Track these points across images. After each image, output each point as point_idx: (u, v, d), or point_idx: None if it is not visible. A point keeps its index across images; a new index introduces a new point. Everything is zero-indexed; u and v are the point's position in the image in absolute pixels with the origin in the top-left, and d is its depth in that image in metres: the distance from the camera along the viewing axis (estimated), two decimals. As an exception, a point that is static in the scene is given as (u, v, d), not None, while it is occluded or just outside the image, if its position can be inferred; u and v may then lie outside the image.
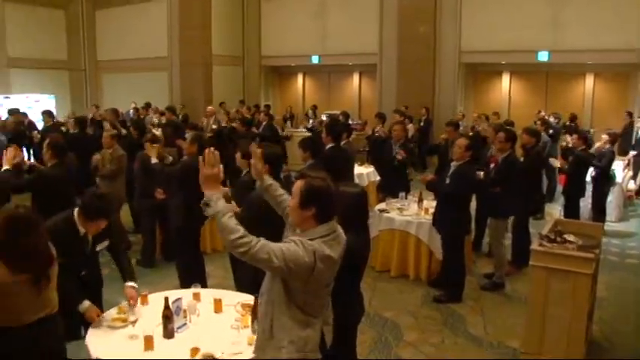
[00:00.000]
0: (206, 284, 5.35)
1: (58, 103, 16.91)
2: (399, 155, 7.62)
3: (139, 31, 18.81)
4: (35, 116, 13.11)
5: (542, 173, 8.13)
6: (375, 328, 5.28)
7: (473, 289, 6.24)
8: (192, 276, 5.08)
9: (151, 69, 18.66)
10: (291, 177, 5.12)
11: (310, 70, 19.88)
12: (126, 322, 3.57)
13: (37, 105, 15.46)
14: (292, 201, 2.69)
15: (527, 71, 16.06)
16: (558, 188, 9.87)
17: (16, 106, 14.08)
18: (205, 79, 17.52)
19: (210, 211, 2.54)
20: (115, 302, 3.93)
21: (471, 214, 6.18)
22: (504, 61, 15.82)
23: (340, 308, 3.01)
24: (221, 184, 2.69)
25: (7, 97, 15.76)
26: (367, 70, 18.12)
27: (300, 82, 20.61)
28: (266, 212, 3.39)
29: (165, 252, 7.10)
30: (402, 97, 15.29)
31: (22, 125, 11.64)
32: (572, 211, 7.79)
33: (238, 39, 19.61)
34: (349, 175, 7.17)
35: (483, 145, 8.31)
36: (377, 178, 9.62)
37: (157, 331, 3.35)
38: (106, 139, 7.34)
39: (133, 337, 3.37)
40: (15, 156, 5.32)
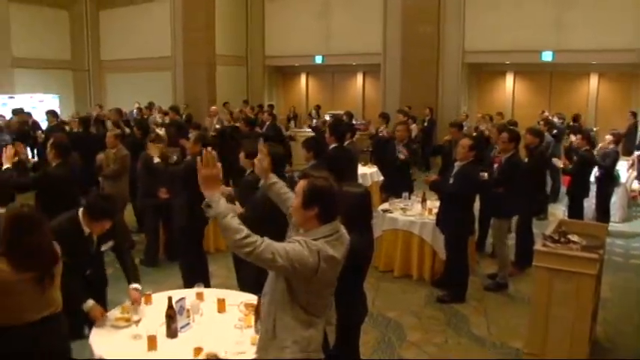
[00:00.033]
0: (209, 284, 5.36)
1: (62, 103, 16.92)
2: (402, 155, 7.62)
3: (143, 31, 18.82)
4: (39, 116, 13.13)
5: (545, 174, 8.11)
6: (378, 328, 5.27)
7: (476, 290, 6.23)
8: (195, 276, 5.10)
9: (155, 69, 18.67)
10: (294, 177, 5.12)
11: (314, 70, 19.86)
12: (129, 321, 3.58)
13: (41, 105, 15.49)
14: (295, 201, 2.69)
15: (531, 71, 16.00)
16: (562, 189, 9.85)
17: (20, 106, 14.13)
18: (209, 79, 17.52)
19: (212, 212, 2.50)
20: (119, 302, 3.94)
21: (474, 215, 6.17)
22: (508, 61, 15.76)
23: (343, 308, 3.01)
24: (224, 184, 2.69)
25: (12, 97, 15.77)
26: (371, 70, 18.09)
27: (303, 82, 20.60)
28: (270, 212, 3.39)
29: (169, 251, 7.11)
30: (406, 98, 15.27)
31: (26, 125, 11.67)
32: (575, 211, 7.78)
33: (242, 39, 19.62)
34: (353, 175, 7.16)
35: (487, 145, 8.30)
36: (380, 179, 9.62)
37: (160, 331, 3.36)
38: (109, 139, 7.34)
39: (136, 337, 3.38)
40: (15, 154, 5.34)
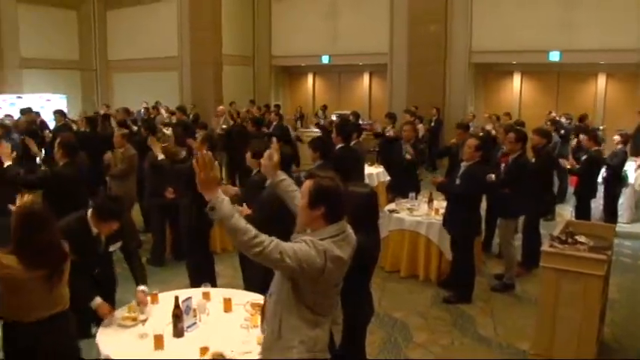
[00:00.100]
0: (216, 284, 5.36)
1: (70, 103, 16.97)
2: (409, 155, 7.61)
3: (150, 30, 18.89)
4: (47, 116, 13.18)
5: (553, 174, 8.07)
6: (384, 328, 5.27)
7: (483, 290, 6.22)
8: (202, 275, 5.11)
9: (162, 69, 18.73)
10: (300, 177, 5.12)
11: (320, 70, 19.87)
12: (136, 320, 3.59)
13: (48, 105, 15.54)
14: (301, 201, 2.68)
15: (539, 71, 15.95)
16: (569, 189, 9.81)
17: (28, 105, 14.17)
18: (215, 79, 17.56)
19: (217, 214, 2.44)
20: (127, 301, 3.94)
21: (481, 215, 6.15)
22: (515, 61, 15.71)
23: (350, 308, 3.00)
24: (231, 184, 2.68)
25: (20, 97, 15.85)
26: (377, 70, 18.08)
27: (310, 82, 20.61)
28: (277, 211, 3.39)
29: (176, 251, 7.12)
30: (413, 98, 15.25)
31: (34, 124, 11.70)
32: (583, 212, 7.73)
33: (249, 39, 19.65)
34: (359, 175, 7.15)
35: (493, 145, 8.27)
36: (387, 179, 9.61)
37: (166, 330, 3.37)
38: (117, 139, 7.35)
39: (143, 336, 3.39)
40: (12, 151, 5.39)
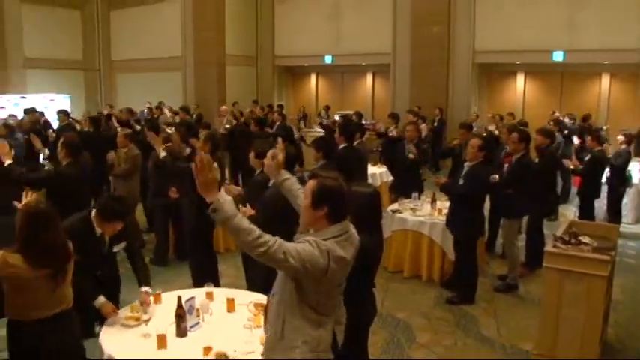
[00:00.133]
0: (219, 283, 5.37)
1: (73, 103, 17.00)
2: (412, 155, 7.61)
3: (153, 31, 18.89)
4: (50, 116, 13.21)
5: (556, 174, 8.05)
6: (387, 328, 5.27)
7: (486, 291, 6.21)
8: (205, 275, 5.11)
9: (165, 69, 18.74)
10: (304, 177, 5.12)
11: (323, 70, 19.86)
12: (139, 320, 3.60)
13: (52, 104, 15.57)
14: (304, 201, 2.68)
15: (542, 71, 15.91)
16: (573, 189, 9.79)
17: (32, 105, 14.20)
18: (219, 79, 17.58)
19: (220, 216, 2.41)
20: (130, 301, 3.95)
21: (484, 215, 6.14)
22: (519, 61, 15.68)
23: (353, 308, 3.00)
24: (234, 183, 2.68)
25: (24, 97, 15.88)
26: (380, 70, 18.06)
27: (313, 82, 20.60)
28: (280, 211, 3.39)
29: (179, 251, 7.12)
30: (416, 98, 15.22)
31: (37, 124, 11.73)
32: (586, 212, 7.72)
33: (252, 39, 19.65)
34: (362, 175, 7.14)
35: (497, 145, 8.26)
36: (390, 179, 9.60)
37: (169, 330, 3.38)
38: (120, 139, 7.36)
39: (146, 336, 3.40)
40: (10, 150, 5.42)
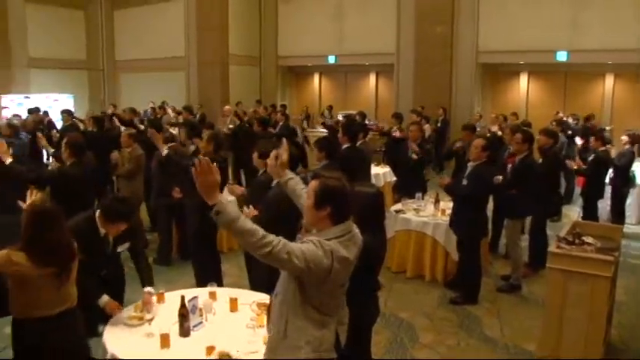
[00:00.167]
0: (222, 283, 5.37)
1: (77, 103, 17.05)
2: (415, 155, 7.60)
3: (157, 31, 18.94)
4: (54, 116, 13.24)
5: (560, 175, 8.04)
6: (390, 328, 5.26)
7: (489, 291, 6.20)
8: (208, 275, 5.11)
9: (169, 69, 18.77)
10: (307, 178, 5.13)
11: (327, 70, 19.87)
12: (142, 320, 3.60)
13: (55, 104, 15.61)
14: (307, 201, 2.67)
15: (546, 71, 15.91)
16: (576, 190, 9.77)
17: (35, 105, 14.24)
18: (222, 79, 17.61)
19: (223, 218, 2.39)
20: (134, 301, 3.94)
21: (487, 216, 6.13)
22: (522, 61, 15.68)
23: (356, 308, 3.00)
24: (236, 183, 2.68)
25: (28, 97, 15.93)
26: (384, 70, 18.07)
27: (316, 82, 20.61)
28: (284, 211, 3.39)
29: (182, 251, 7.12)
30: (419, 98, 15.23)
31: (41, 124, 11.77)
32: (590, 212, 7.70)
33: (255, 39, 19.68)
34: (366, 175, 7.14)
35: (500, 146, 8.24)
36: (393, 179, 9.59)
37: (173, 330, 3.38)
38: (124, 139, 7.37)
39: (149, 335, 3.40)
40: (7, 148, 5.44)
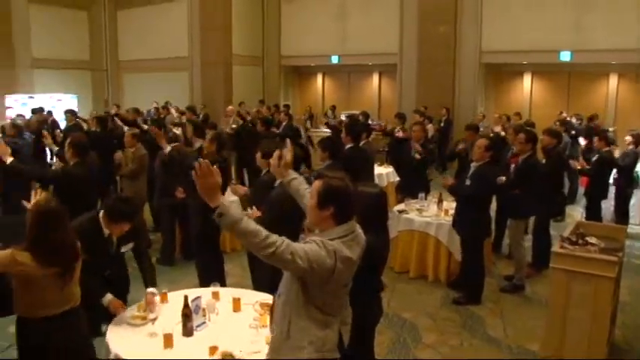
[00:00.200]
0: (225, 283, 5.38)
1: (80, 103, 17.05)
2: (417, 154, 7.60)
3: (160, 31, 18.95)
4: (58, 116, 13.27)
5: (563, 175, 8.02)
6: (393, 329, 5.26)
7: (492, 291, 6.19)
8: (211, 275, 5.12)
9: (172, 69, 18.78)
10: (310, 178, 5.14)
11: (330, 70, 19.86)
12: (146, 319, 3.61)
13: (59, 104, 15.63)
14: (310, 201, 2.67)
15: (549, 71, 15.86)
16: (580, 190, 9.75)
17: (39, 105, 14.27)
18: (225, 79, 17.61)
19: (227, 220, 2.38)
20: (137, 300, 3.95)
21: (490, 216, 6.12)
22: (526, 61, 15.64)
23: (359, 309, 3.00)
24: (240, 183, 2.68)
25: (32, 97, 15.96)
26: (387, 70, 18.05)
27: (319, 82, 20.60)
28: (287, 211, 3.39)
29: (185, 251, 7.13)
30: (422, 98, 15.21)
31: (45, 124, 11.79)
32: (594, 213, 7.68)
33: (258, 39, 19.69)
34: (369, 175, 7.14)
35: (503, 146, 8.23)
36: (396, 179, 9.59)
37: (176, 329, 3.38)
38: (127, 139, 7.37)
39: (152, 335, 3.41)
40: (6, 147, 5.47)
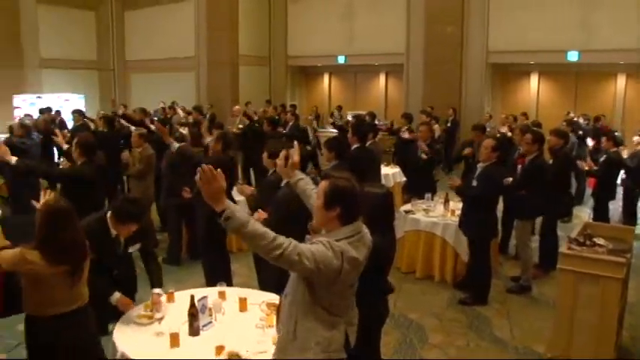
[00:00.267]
0: (231, 283, 5.38)
1: (88, 103, 17.14)
2: (424, 154, 7.58)
3: (167, 31, 19.00)
4: (65, 115, 13.33)
5: (570, 175, 7.99)
6: (399, 329, 5.26)
7: (499, 292, 6.17)
8: (217, 274, 5.12)
9: (179, 69, 18.83)
10: (316, 178, 5.14)
11: (336, 70, 19.86)
12: (152, 319, 3.61)
13: (67, 104, 15.70)
14: (317, 201, 2.67)
15: (557, 71, 15.79)
16: (587, 191, 9.71)
17: (47, 105, 14.34)
18: (232, 79, 17.65)
19: (233, 223, 2.38)
20: (144, 300, 3.96)
21: (497, 216, 6.10)
22: (533, 61, 15.58)
23: (365, 309, 2.99)
24: (246, 183, 2.68)
25: (39, 97, 16.03)
26: (393, 70, 18.03)
27: (326, 82, 20.60)
28: (293, 211, 3.39)
29: (192, 250, 7.15)
30: (429, 98, 15.19)
31: (52, 124, 11.84)
32: (601, 213, 7.64)
33: (265, 39, 19.71)
34: (375, 175, 7.13)
35: (510, 146, 8.21)
36: (403, 179, 9.58)
37: (182, 329, 3.39)
38: (134, 139, 7.39)
39: (159, 334, 3.41)
40: (6, 147, 5.48)
